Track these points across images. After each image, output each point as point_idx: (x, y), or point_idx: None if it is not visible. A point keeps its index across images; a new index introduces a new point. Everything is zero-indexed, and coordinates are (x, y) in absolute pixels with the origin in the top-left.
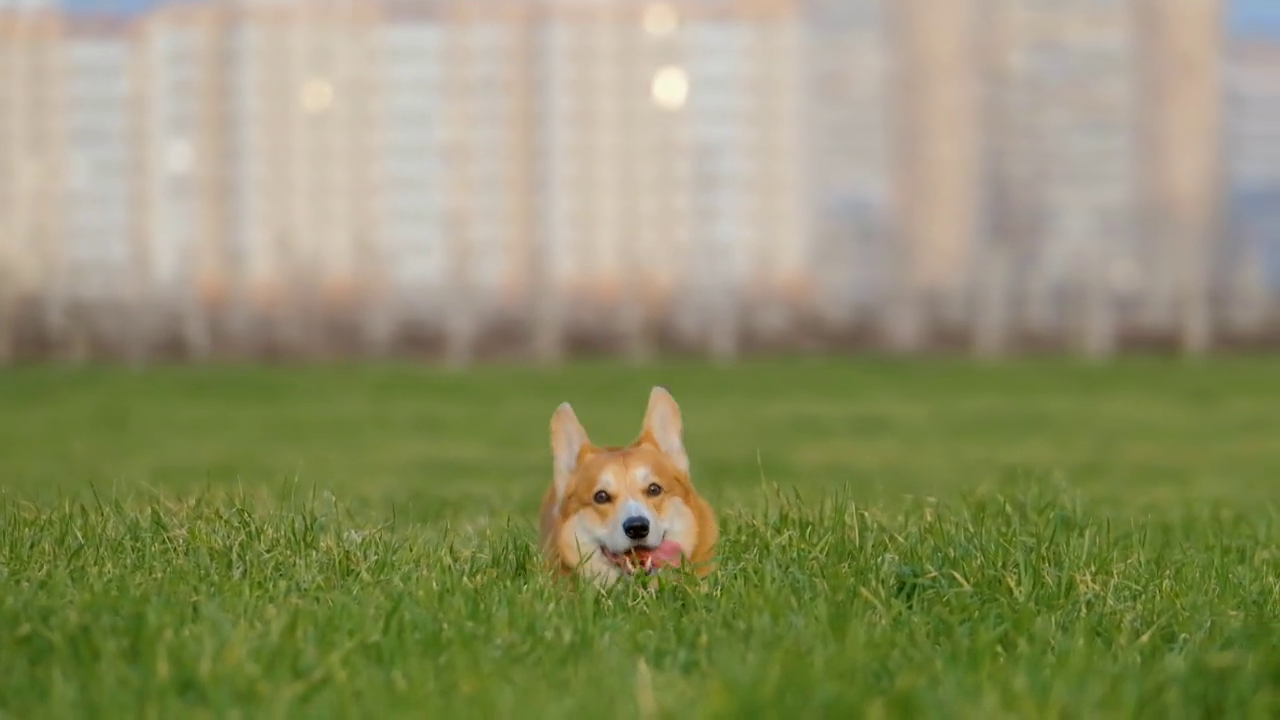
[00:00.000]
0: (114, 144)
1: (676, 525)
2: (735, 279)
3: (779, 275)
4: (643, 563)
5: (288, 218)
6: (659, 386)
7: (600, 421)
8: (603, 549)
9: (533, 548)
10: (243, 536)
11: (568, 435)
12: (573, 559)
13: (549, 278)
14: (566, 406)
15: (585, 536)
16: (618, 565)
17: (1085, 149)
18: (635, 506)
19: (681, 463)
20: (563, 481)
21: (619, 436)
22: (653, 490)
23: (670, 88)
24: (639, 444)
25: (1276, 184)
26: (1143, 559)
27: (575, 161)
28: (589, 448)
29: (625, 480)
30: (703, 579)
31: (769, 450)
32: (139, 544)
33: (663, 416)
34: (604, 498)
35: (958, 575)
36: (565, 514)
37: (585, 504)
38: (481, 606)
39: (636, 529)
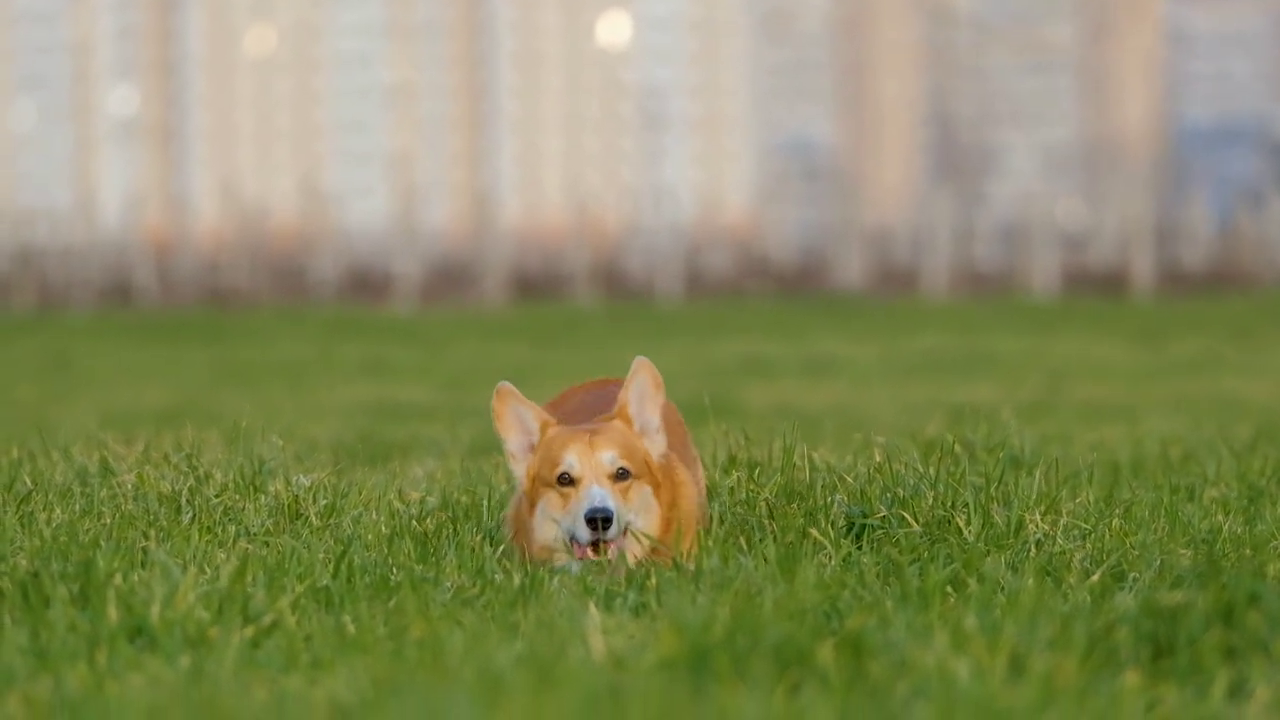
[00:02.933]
0: (58, 90)
1: (640, 520)
2: (682, 220)
3: (725, 216)
4: (601, 559)
5: (233, 162)
6: (641, 356)
7: (548, 364)
8: (569, 541)
9: (478, 491)
10: (191, 481)
11: (516, 416)
12: (540, 552)
13: (495, 220)
14: (507, 385)
15: (551, 529)
16: (580, 557)
17: (1031, 88)
18: (600, 494)
19: (657, 444)
20: (517, 467)
21: (568, 377)
22: (620, 475)
23: (615, 28)
24: (611, 419)
25: (1222, 123)
26: (1092, 498)
27: (520, 104)
28: (550, 422)
29: (590, 462)
30: (687, 555)
31: (717, 391)
32: (87, 489)
33: (641, 389)
34: (567, 480)
35: (907, 515)
36: (531, 500)
37: (549, 486)
38: (431, 550)
39: (601, 521)
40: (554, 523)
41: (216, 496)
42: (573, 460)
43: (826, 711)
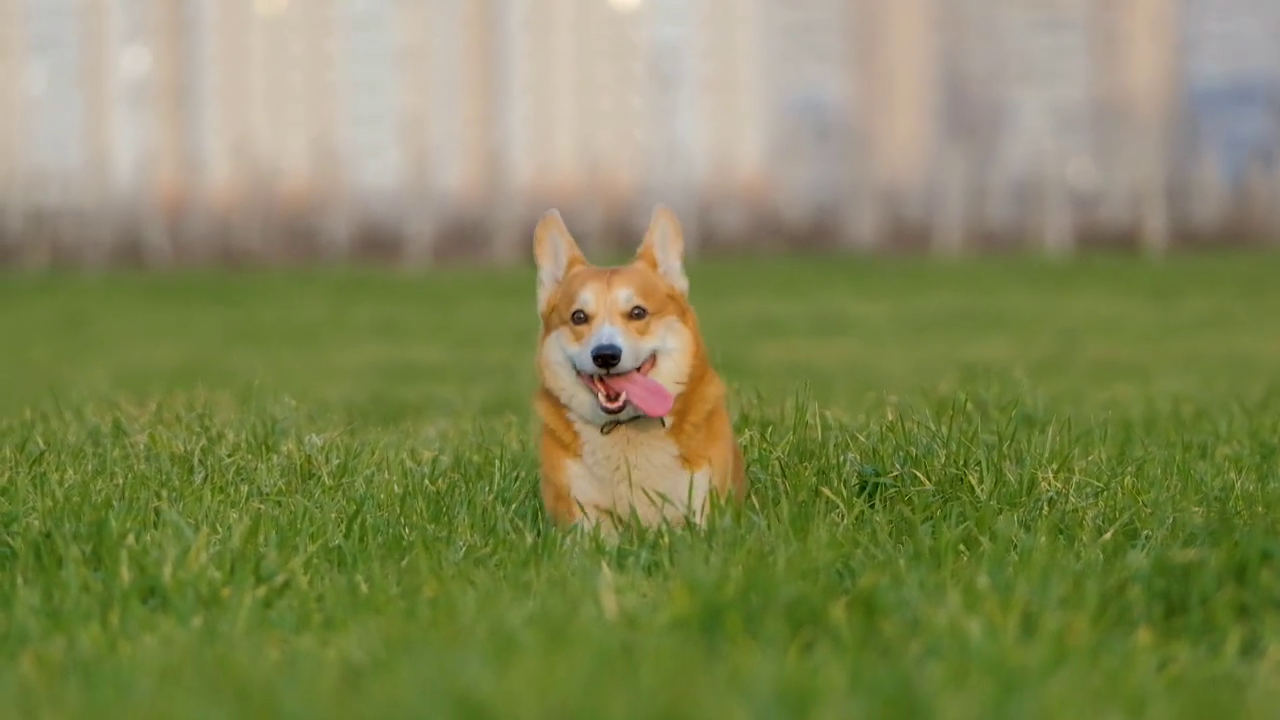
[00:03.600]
0: (69, 51)
1: (669, 343)
2: (693, 179)
3: (737, 175)
4: (615, 395)
5: (245, 123)
6: (662, 205)
7: None
8: (576, 371)
9: (492, 450)
10: (204, 441)
11: (553, 244)
12: (550, 380)
13: (507, 180)
14: (554, 213)
15: (559, 356)
16: (591, 390)
17: (1042, 46)
18: (609, 333)
19: (680, 284)
20: (542, 294)
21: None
22: (636, 313)
23: None
24: (634, 262)
25: (1234, 81)
26: (1104, 456)
27: (532, 64)
28: (578, 259)
29: (605, 300)
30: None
31: (729, 350)
32: (100, 450)
33: (663, 234)
34: (581, 318)
35: (919, 474)
36: (547, 328)
37: (564, 321)
38: (443, 509)
39: (605, 358)
40: (562, 353)
41: (229, 456)
42: (588, 297)
43: (839, 670)
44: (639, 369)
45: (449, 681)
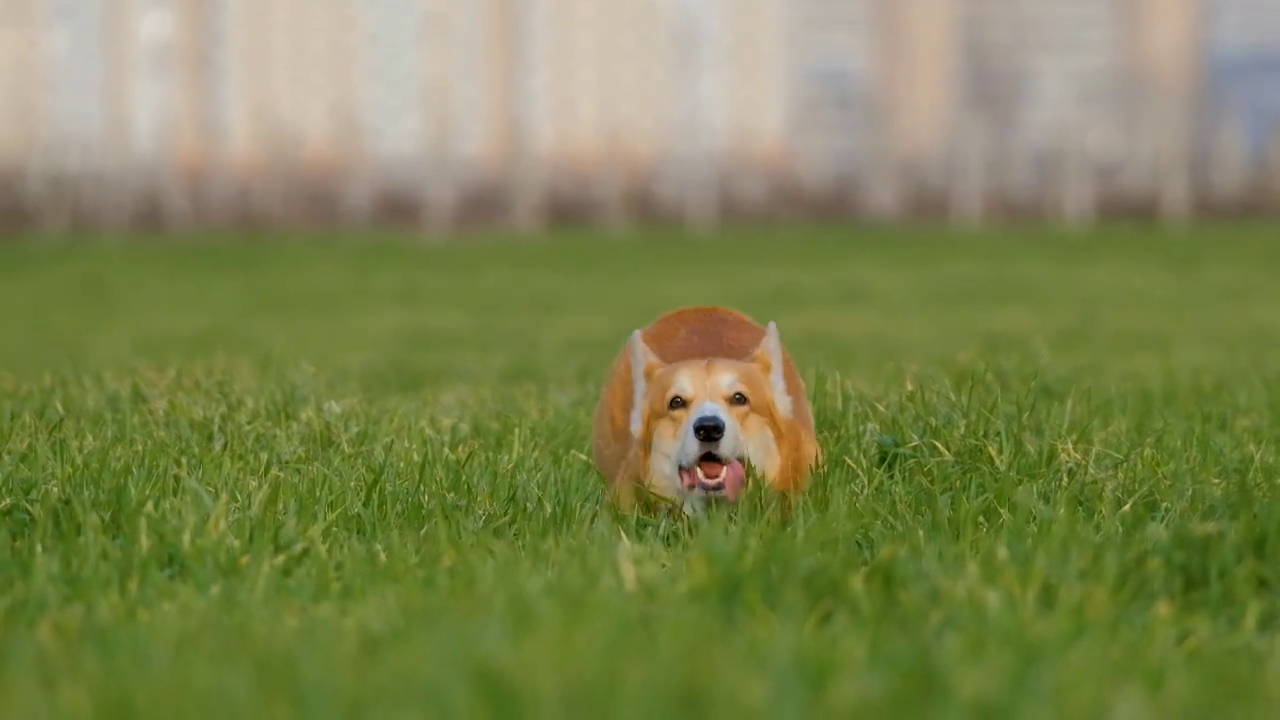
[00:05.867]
0: (91, 16)
1: (759, 460)
2: (714, 148)
3: (758, 144)
4: (711, 482)
5: (266, 88)
6: (772, 322)
7: (580, 291)
8: (680, 475)
9: (511, 419)
10: (223, 408)
11: (637, 366)
12: (660, 490)
13: (528, 147)
14: (637, 335)
15: (666, 467)
16: (689, 489)
17: (1064, 15)
18: (711, 407)
19: (782, 403)
20: (636, 416)
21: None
22: (737, 399)
23: None
24: (747, 360)
25: (1256, 51)
26: (1124, 427)
27: (554, 30)
28: (656, 365)
29: (705, 384)
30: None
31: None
32: (119, 416)
33: (775, 350)
34: (679, 403)
35: (939, 445)
36: (645, 445)
37: (661, 417)
38: (463, 478)
39: (709, 429)
40: (666, 459)
41: (248, 424)
42: (685, 383)
43: (858, 642)
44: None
45: (467, 651)
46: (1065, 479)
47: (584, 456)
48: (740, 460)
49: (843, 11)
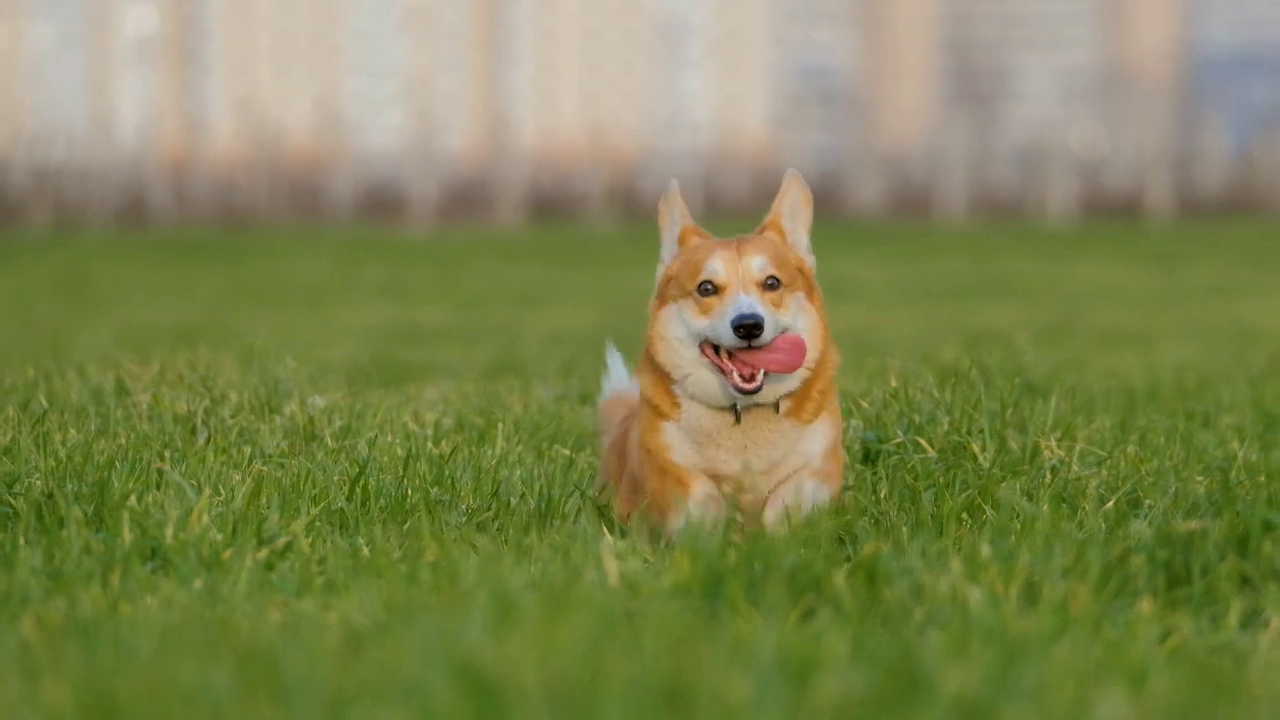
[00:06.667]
0: (75, 10)
1: (800, 322)
2: (698, 143)
3: (742, 139)
4: (751, 375)
5: (250, 82)
6: (793, 170)
7: (563, 286)
8: (702, 348)
9: (495, 413)
10: (206, 402)
11: (671, 216)
12: (664, 354)
13: (511, 142)
14: (675, 183)
15: (682, 331)
16: (720, 370)
17: (1049, 11)
18: (748, 301)
19: (808, 259)
20: (662, 267)
21: (584, 298)
22: (770, 284)
23: None
24: (760, 231)
25: (1241, 49)
26: (1107, 424)
27: (537, 26)
28: (694, 230)
29: (737, 270)
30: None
31: None
32: (103, 409)
33: (793, 204)
34: (710, 289)
35: (922, 441)
36: (661, 300)
37: (686, 294)
38: (446, 472)
39: (748, 327)
40: (685, 329)
41: (231, 418)
42: (717, 266)
43: (840, 638)
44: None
45: (450, 646)
46: (1048, 476)
47: (566, 452)
48: (782, 334)
49: (826, 7)
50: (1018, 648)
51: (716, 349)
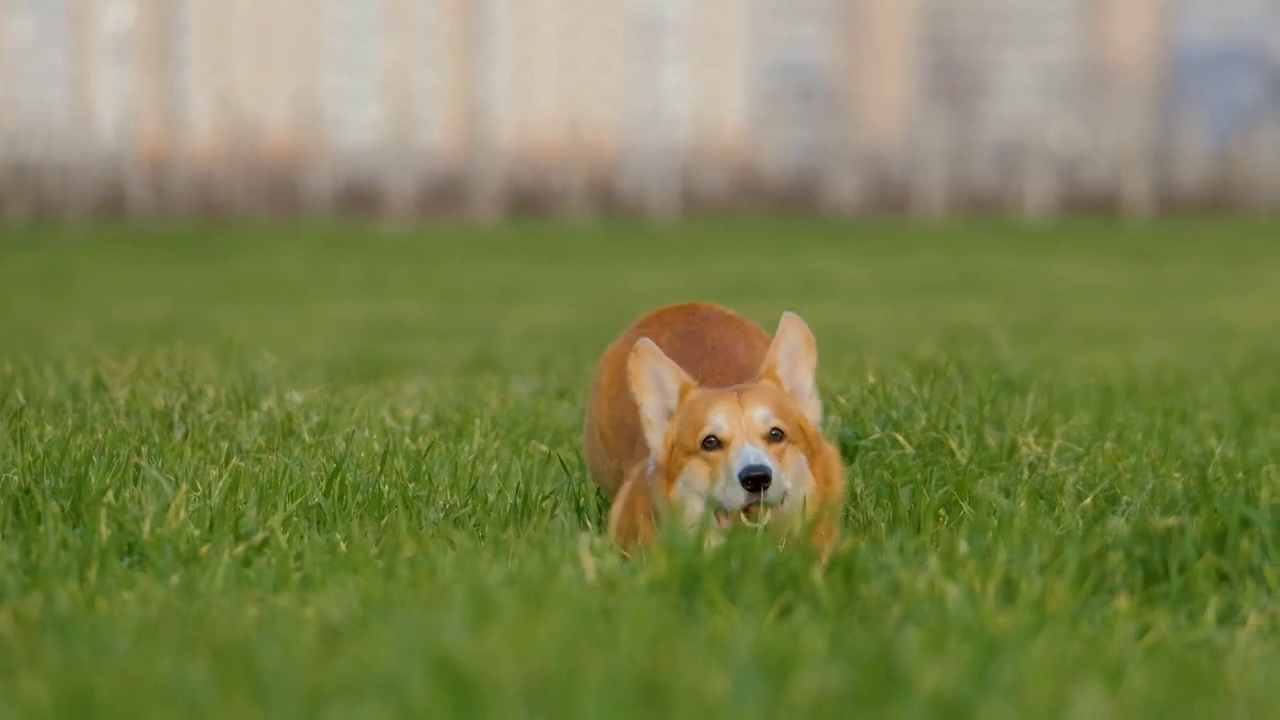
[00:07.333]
0: (56, 5)
1: (796, 493)
2: (676, 139)
3: (720, 135)
4: (756, 526)
5: (229, 78)
6: (790, 312)
7: (542, 282)
8: (716, 514)
9: (472, 409)
10: (184, 398)
11: (654, 376)
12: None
13: (490, 138)
14: (647, 342)
15: (693, 498)
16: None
17: (1028, 8)
18: (754, 453)
19: (812, 410)
20: (654, 435)
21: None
22: (774, 435)
23: None
24: (758, 380)
25: (1220, 46)
26: (1085, 421)
27: (515, 21)
28: (691, 385)
29: (740, 421)
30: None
31: None
32: (80, 405)
33: (792, 348)
34: (713, 443)
35: (900, 437)
36: (669, 474)
37: (691, 453)
38: (423, 468)
39: (755, 480)
40: (699, 497)
41: (209, 413)
42: (720, 420)
43: (818, 634)
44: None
45: (427, 642)
46: (1026, 472)
47: (544, 447)
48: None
49: (806, 3)
50: (995, 644)
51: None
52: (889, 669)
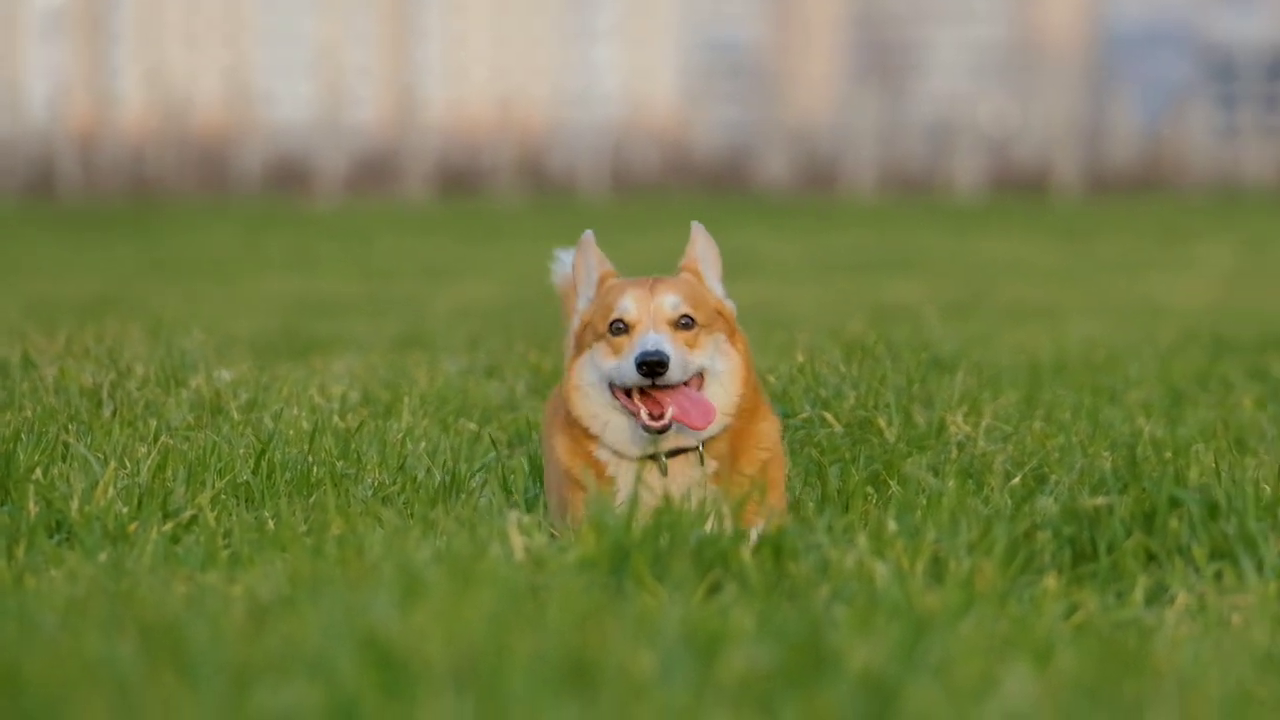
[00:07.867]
0: None
1: (718, 365)
2: (607, 117)
3: (650, 113)
4: (659, 414)
5: (159, 54)
6: (696, 221)
7: (472, 259)
8: (614, 390)
9: (401, 387)
10: (113, 375)
11: (587, 266)
12: (579, 406)
13: (420, 114)
14: (589, 235)
15: (594, 375)
16: (630, 413)
17: None
18: (654, 339)
19: (727, 303)
20: (578, 317)
21: (492, 272)
22: (684, 323)
23: None
24: (678, 273)
25: (1151, 25)
26: (1014, 399)
27: None
28: (611, 273)
29: (648, 307)
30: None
31: None
32: (8, 382)
33: (704, 250)
34: (620, 328)
35: (829, 416)
36: (578, 349)
37: (600, 336)
38: (352, 446)
39: (651, 364)
40: (597, 372)
41: (138, 390)
42: (629, 304)
43: (747, 613)
44: (686, 384)
45: (355, 620)
46: (955, 451)
47: (473, 425)
48: (697, 376)
49: None
50: (924, 623)
51: (628, 392)
52: (817, 647)
